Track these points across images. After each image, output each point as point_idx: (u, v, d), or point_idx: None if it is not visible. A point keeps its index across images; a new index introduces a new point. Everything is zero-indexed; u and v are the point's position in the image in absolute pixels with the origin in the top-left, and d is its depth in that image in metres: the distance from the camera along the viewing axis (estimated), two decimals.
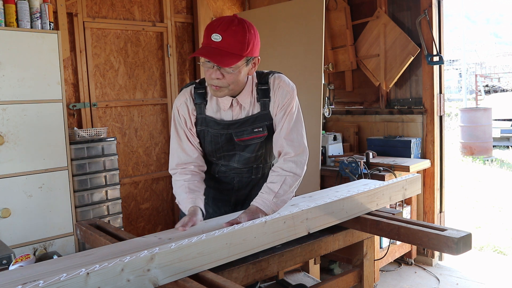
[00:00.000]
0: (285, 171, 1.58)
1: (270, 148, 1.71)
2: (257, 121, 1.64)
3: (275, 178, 1.59)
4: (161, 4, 3.60)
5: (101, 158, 2.91)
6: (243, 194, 1.80)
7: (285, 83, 1.64)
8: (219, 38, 1.42)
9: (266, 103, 1.62)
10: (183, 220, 1.49)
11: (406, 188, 1.95)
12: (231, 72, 1.48)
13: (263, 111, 1.63)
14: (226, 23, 1.44)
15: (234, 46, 1.44)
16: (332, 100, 4.04)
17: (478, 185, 6.63)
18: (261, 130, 1.64)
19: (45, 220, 2.64)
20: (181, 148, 1.67)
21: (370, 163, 3.18)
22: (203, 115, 1.65)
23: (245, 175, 1.76)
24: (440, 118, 3.45)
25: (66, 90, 3.14)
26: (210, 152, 1.71)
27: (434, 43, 3.30)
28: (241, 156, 1.70)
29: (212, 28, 1.45)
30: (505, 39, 42.69)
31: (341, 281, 1.73)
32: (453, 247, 1.39)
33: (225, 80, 1.50)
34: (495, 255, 3.79)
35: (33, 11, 2.59)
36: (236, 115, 1.64)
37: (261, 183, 1.73)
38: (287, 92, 1.62)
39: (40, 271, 1.11)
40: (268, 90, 1.62)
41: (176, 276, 1.20)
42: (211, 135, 1.66)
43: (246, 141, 1.65)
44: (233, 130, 1.64)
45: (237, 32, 1.44)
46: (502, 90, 16.28)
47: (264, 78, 1.64)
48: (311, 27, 3.35)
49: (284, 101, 1.61)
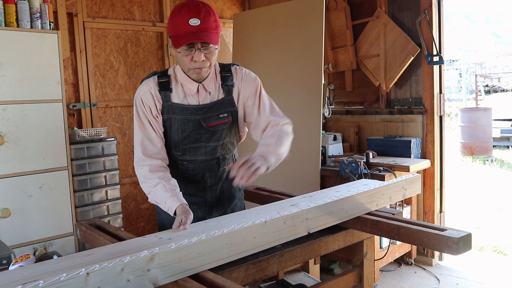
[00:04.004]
0: (276, 130, 1.67)
1: (233, 135, 1.77)
2: (222, 107, 1.70)
3: (269, 133, 1.67)
4: (161, 4, 3.60)
5: (101, 158, 2.91)
6: (215, 190, 1.79)
7: (247, 72, 1.76)
8: (198, 22, 1.50)
9: (230, 89, 1.71)
10: (180, 220, 1.47)
11: (406, 188, 1.94)
12: (214, 50, 1.57)
13: (227, 97, 1.71)
14: (195, 7, 1.52)
15: (212, 25, 1.53)
16: (332, 100, 4.04)
17: (478, 185, 6.63)
18: (226, 115, 1.70)
19: (45, 220, 2.64)
20: (146, 137, 1.67)
21: (370, 163, 3.18)
22: (169, 103, 1.67)
23: (214, 168, 1.76)
24: (440, 118, 3.45)
25: (66, 90, 3.14)
26: (176, 143, 1.69)
27: (434, 43, 3.30)
28: (207, 147, 1.71)
29: (184, 15, 1.51)
30: (505, 39, 42.70)
31: (341, 281, 1.73)
32: (453, 247, 1.39)
33: (207, 61, 1.58)
34: (495, 255, 3.79)
35: (33, 11, 2.59)
36: (202, 101, 1.69)
37: (229, 175, 1.72)
38: (251, 79, 1.74)
39: (40, 271, 1.11)
40: (231, 77, 1.72)
41: (176, 276, 1.20)
42: (178, 122, 1.67)
43: (213, 126, 1.69)
44: (200, 116, 1.67)
45: (208, 12, 1.54)
46: (502, 90, 16.27)
47: (227, 67, 1.75)
48: (311, 27, 3.35)
49: (251, 86, 1.73)
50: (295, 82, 3.46)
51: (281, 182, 3.33)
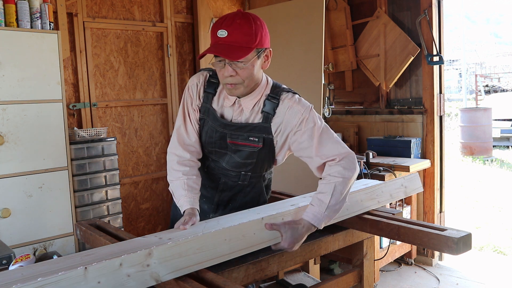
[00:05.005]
0: (333, 176, 1.47)
1: (263, 160, 1.65)
2: (255, 131, 1.58)
3: (324, 187, 1.48)
4: (161, 4, 3.60)
5: (101, 158, 2.91)
6: (226, 196, 1.75)
7: (296, 102, 1.56)
8: (225, 34, 1.41)
9: (268, 117, 1.56)
10: (183, 220, 1.49)
11: (406, 186, 1.95)
12: (243, 66, 1.45)
13: (264, 123, 1.57)
14: (231, 18, 1.44)
15: (241, 39, 1.42)
16: (332, 100, 4.04)
17: (478, 185, 6.63)
18: (256, 140, 1.58)
19: (45, 220, 2.64)
20: (184, 126, 1.67)
21: (370, 163, 3.18)
22: (208, 105, 1.64)
23: (231, 179, 1.71)
24: (440, 118, 3.45)
25: (66, 90, 3.14)
26: (204, 143, 1.69)
27: (434, 43, 3.30)
28: (232, 158, 1.66)
29: (217, 26, 1.44)
30: (505, 39, 42.69)
31: (341, 281, 1.73)
32: (453, 247, 1.40)
33: (239, 77, 1.47)
34: (495, 255, 3.79)
35: (33, 11, 2.59)
36: (236, 116, 1.61)
37: (247, 190, 1.72)
38: (297, 111, 1.54)
39: (40, 271, 1.11)
40: (276, 105, 1.56)
41: (178, 272, 1.20)
42: (208, 126, 1.65)
43: (238, 146, 1.61)
44: (228, 131, 1.61)
45: (242, 25, 1.42)
46: (502, 90, 16.28)
47: (278, 92, 1.58)
48: (311, 27, 3.35)
49: (295, 121, 1.54)
50: (295, 82, 3.45)
51: (281, 182, 3.33)
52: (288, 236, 1.40)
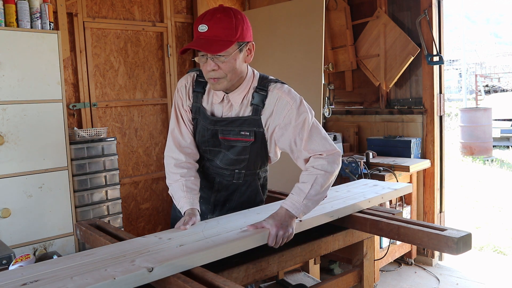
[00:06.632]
0: (315, 169, 1.49)
1: (256, 156, 1.64)
2: (246, 124, 1.58)
3: (305, 177, 1.50)
4: (161, 4, 3.60)
5: (101, 158, 2.91)
6: (222, 196, 1.75)
7: (285, 92, 1.56)
8: (206, 28, 1.43)
9: (258, 109, 1.56)
10: (183, 220, 1.49)
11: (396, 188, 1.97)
12: (225, 60, 1.46)
13: (254, 116, 1.57)
14: (211, 13, 1.46)
15: (221, 33, 1.43)
16: (332, 100, 4.04)
17: (478, 185, 6.63)
18: (248, 134, 1.58)
19: (45, 220, 2.64)
20: (177, 128, 1.68)
21: (370, 163, 3.18)
22: (198, 104, 1.65)
23: (226, 178, 1.70)
24: (440, 118, 3.45)
25: (66, 90, 3.13)
26: (198, 142, 1.69)
27: (434, 43, 3.30)
28: (226, 155, 1.65)
29: (199, 21, 1.46)
30: (505, 39, 42.68)
31: (341, 281, 1.73)
32: (453, 247, 1.40)
33: (221, 71, 1.48)
34: (495, 255, 3.79)
35: (33, 11, 2.59)
36: (226, 112, 1.61)
37: (243, 189, 1.71)
38: (287, 103, 1.54)
39: (40, 271, 1.11)
40: (264, 97, 1.56)
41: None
42: (200, 126, 1.66)
43: (230, 141, 1.61)
44: (219, 127, 1.61)
45: (222, 19, 1.43)
46: (502, 90, 16.28)
47: (265, 84, 1.59)
48: (311, 27, 3.35)
49: (284, 112, 1.54)
50: (295, 82, 3.45)
51: (281, 182, 3.33)
52: (271, 223, 1.41)
